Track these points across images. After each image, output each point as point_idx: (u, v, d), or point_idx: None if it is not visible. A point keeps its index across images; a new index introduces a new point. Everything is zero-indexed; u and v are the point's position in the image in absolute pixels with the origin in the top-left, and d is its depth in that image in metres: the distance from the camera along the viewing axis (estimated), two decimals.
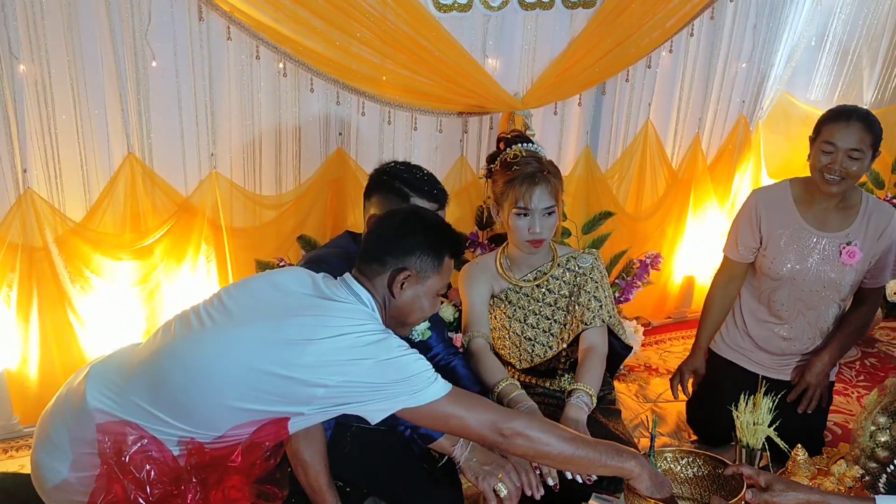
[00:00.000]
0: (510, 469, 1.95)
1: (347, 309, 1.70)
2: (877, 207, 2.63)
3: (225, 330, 1.65)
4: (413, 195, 2.09)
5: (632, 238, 3.64)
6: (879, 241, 2.61)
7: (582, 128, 3.41)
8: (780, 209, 2.66)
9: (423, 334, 2.30)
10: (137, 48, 2.54)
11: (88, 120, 2.57)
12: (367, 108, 2.94)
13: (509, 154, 2.39)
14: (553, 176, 2.35)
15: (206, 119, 2.72)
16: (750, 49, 3.62)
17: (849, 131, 2.45)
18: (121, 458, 1.52)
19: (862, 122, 2.46)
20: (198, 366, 1.61)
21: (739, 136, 3.80)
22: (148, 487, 1.49)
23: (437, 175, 3.12)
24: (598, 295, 2.43)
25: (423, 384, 1.66)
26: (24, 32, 2.40)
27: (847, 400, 3.22)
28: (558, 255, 2.50)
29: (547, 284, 2.48)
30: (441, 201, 2.14)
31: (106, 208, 2.68)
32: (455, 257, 1.85)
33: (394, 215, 1.88)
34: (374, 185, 2.17)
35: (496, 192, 2.41)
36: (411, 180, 2.12)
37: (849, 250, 2.58)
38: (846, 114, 2.49)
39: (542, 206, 2.31)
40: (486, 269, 2.52)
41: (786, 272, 2.64)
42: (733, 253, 2.76)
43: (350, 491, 2.31)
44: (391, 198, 2.10)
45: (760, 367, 2.77)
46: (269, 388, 1.58)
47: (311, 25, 2.63)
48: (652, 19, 3.18)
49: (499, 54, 3.07)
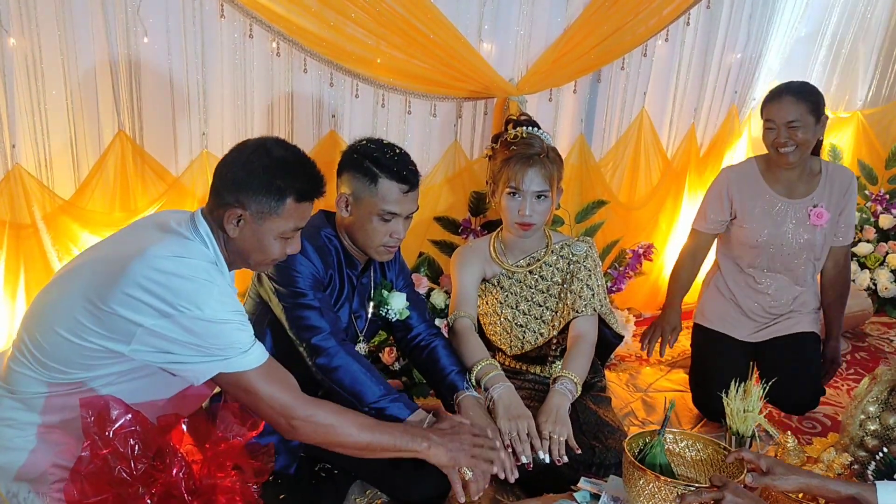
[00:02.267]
0: (477, 452, 1.92)
1: (174, 242, 1.65)
2: (837, 171, 2.87)
3: (76, 263, 1.70)
4: (381, 175, 2.04)
5: (625, 227, 3.63)
6: (843, 199, 2.84)
7: (577, 115, 3.40)
8: (750, 183, 2.87)
9: (401, 314, 2.28)
10: (129, 24, 2.50)
11: (79, 96, 2.53)
12: (360, 91, 2.92)
13: (510, 134, 2.38)
14: (550, 161, 2.33)
15: (198, 98, 2.69)
16: (745, 40, 3.62)
17: (781, 106, 2.65)
18: (104, 432, 1.50)
19: (792, 95, 2.66)
20: (48, 300, 1.66)
21: (731, 126, 3.80)
22: (132, 462, 1.47)
23: (431, 159, 3.16)
24: (590, 283, 2.43)
25: (237, 351, 1.62)
26: (15, 5, 2.35)
27: (837, 392, 3.23)
28: (553, 241, 2.49)
29: (540, 271, 2.47)
30: (411, 182, 2.07)
31: (95, 186, 2.64)
32: (303, 200, 1.74)
33: (243, 147, 1.76)
34: (345, 162, 2.12)
35: (493, 170, 2.40)
36: (381, 160, 2.06)
37: (816, 212, 2.80)
38: (778, 92, 2.71)
39: (534, 188, 2.30)
40: (479, 253, 2.51)
41: (763, 238, 2.84)
42: (701, 225, 2.98)
43: (337, 474, 2.30)
44: (359, 177, 2.06)
45: (748, 334, 2.96)
46: (90, 320, 1.57)
47: (305, 5, 2.61)
48: (648, 7, 3.18)
49: (494, 39, 3.05)
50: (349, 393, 2.00)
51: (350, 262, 2.20)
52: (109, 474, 1.50)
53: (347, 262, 2.19)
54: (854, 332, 3.79)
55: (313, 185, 1.76)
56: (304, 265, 2.04)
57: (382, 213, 2.05)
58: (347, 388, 2.00)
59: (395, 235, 2.09)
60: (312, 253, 2.07)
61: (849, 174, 2.90)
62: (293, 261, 2.01)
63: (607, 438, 2.33)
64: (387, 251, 2.13)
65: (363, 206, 2.07)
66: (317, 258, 2.08)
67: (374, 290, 2.29)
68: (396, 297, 2.27)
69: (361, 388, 1.99)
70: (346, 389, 2.00)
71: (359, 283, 2.24)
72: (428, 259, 3.23)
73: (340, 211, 2.12)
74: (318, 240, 2.12)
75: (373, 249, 2.12)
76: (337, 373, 1.99)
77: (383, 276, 2.32)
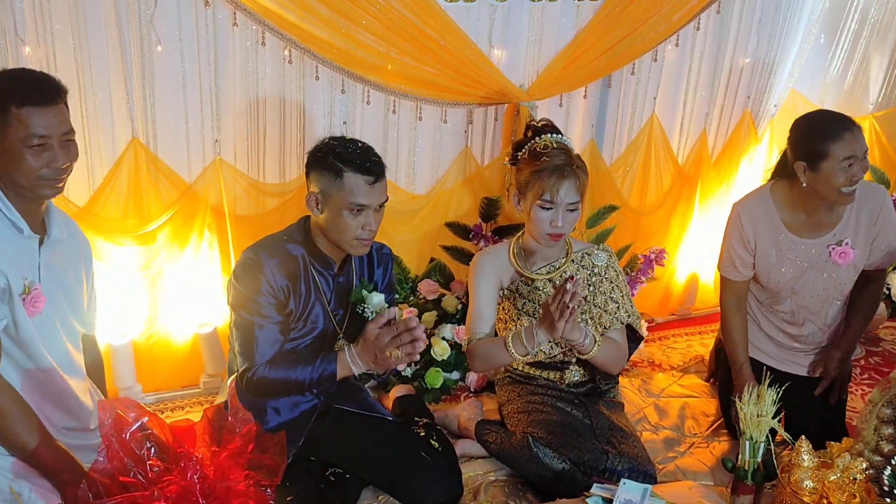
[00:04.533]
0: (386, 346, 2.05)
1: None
2: (867, 193, 2.50)
3: None
4: (346, 169, 2.08)
5: (636, 233, 3.62)
6: (876, 227, 2.54)
7: (587, 120, 3.40)
8: (764, 221, 2.60)
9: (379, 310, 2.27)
10: (143, 32, 2.53)
11: (93, 104, 2.56)
12: (371, 98, 2.93)
13: (539, 143, 2.33)
14: (581, 171, 2.30)
15: (211, 105, 2.71)
16: (756, 44, 3.61)
17: (856, 138, 2.36)
18: (121, 435, 1.51)
19: (855, 125, 2.39)
20: None
21: (744, 132, 3.79)
22: (148, 465, 1.48)
23: (442, 166, 3.17)
24: (614, 296, 2.40)
25: None
26: (30, 14, 2.39)
27: (851, 397, 3.20)
28: (573, 249, 2.46)
29: (559, 280, 2.43)
30: (376, 173, 2.11)
31: (109, 193, 2.67)
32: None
33: None
34: (310, 162, 2.17)
35: (520, 180, 2.36)
36: (344, 154, 2.10)
37: (840, 251, 2.53)
38: (843, 126, 2.38)
39: (568, 200, 2.27)
40: (498, 260, 2.47)
41: (784, 285, 2.62)
42: (733, 273, 2.69)
43: (348, 479, 2.30)
44: (325, 174, 2.11)
45: (770, 358, 2.77)
46: None
47: (317, 12, 2.63)
48: (658, 12, 3.18)
49: (504, 45, 3.06)
50: (287, 392, 2.20)
51: (324, 262, 2.24)
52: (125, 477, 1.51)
53: (321, 263, 2.24)
54: (868, 336, 3.76)
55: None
56: (266, 286, 2.14)
57: (352, 207, 2.09)
58: (280, 391, 2.18)
59: (368, 227, 2.13)
60: (275, 268, 2.15)
61: (879, 192, 2.59)
62: (245, 284, 2.15)
63: (620, 444, 2.33)
64: (361, 245, 2.17)
65: (332, 202, 2.11)
66: (276, 270, 2.15)
67: (354, 289, 2.32)
68: (375, 295, 2.30)
69: (291, 380, 2.13)
70: (279, 393, 2.19)
71: (335, 282, 2.28)
72: (439, 265, 3.23)
73: (312, 210, 2.17)
74: (278, 254, 2.18)
75: (347, 244, 2.16)
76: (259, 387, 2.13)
77: (369, 278, 2.36)
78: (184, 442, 1.55)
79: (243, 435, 1.62)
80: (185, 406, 2.97)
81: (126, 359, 2.85)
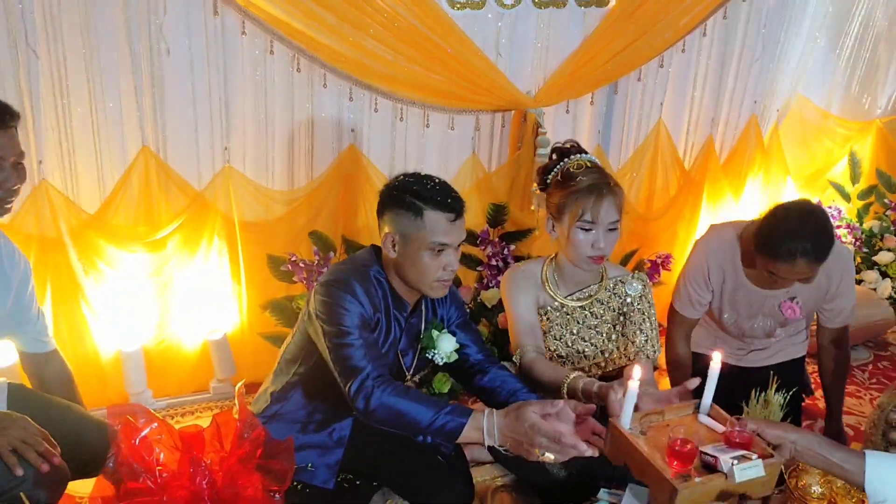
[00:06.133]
0: (540, 441, 1.80)
1: None
2: (832, 257, 2.26)
3: None
4: (426, 207, 1.95)
5: (643, 238, 3.63)
6: (835, 291, 2.49)
7: (594, 126, 3.41)
8: (729, 268, 2.52)
9: (448, 357, 2.20)
10: (153, 42, 2.56)
11: (104, 112, 2.59)
12: (379, 105, 2.95)
13: (571, 164, 2.24)
14: (618, 188, 2.21)
15: (220, 113, 2.74)
16: (762, 49, 3.61)
17: (793, 268, 2.22)
18: (131, 441, 1.53)
19: (808, 258, 2.19)
20: None
21: (751, 137, 3.79)
22: (157, 470, 1.49)
23: (449, 172, 3.18)
24: (643, 327, 2.33)
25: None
26: (41, 24, 2.42)
27: (860, 402, 3.20)
28: (607, 276, 2.37)
29: (591, 307, 2.36)
30: (457, 210, 1.98)
31: (120, 201, 2.70)
32: None
33: None
34: (385, 201, 2.03)
35: (553, 203, 2.25)
36: (422, 192, 1.97)
37: (789, 306, 2.48)
38: (789, 252, 2.20)
39: (609, 219, 2.17)
40: (531, 278, 2.38)
41: (732, 325, 2.58)
42: (688, 311, 2.61)
43: (360, 483, 2.31)
44: (403, 213, 1.97)
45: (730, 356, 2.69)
46: None
47: (325, 21, 2.65)
48: (665, 19, 3.19)
49: (511, 52, 3.08)
50: (398, 428, 1.94)
51: (399, 303, 2.13)
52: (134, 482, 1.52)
53: (396, 303, 2.12)
54: (876, 341, 3.75)
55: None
56: (353, 304, 1.99)
57: (433, 246, 1.96)
58: (394, 424, 1.93)
59: (449, 268, 2.01)
60: (362, 295, 2.01)
61: (843, 258, 2.48)
62: (341, 299, 1.98)
63: None
64: (441, 286, 2.04)
65: (411, 243, 1.98)
66: (366, 300, 2.02)
67: (423, 331, 2.21)
68: (445, 340, 2.19)
69: (408, 418, 1.91)
70: (392, 426, 1.94)
71: (407, 324, 2.17)
72: None
73: (388, 251, 2.04)
74: (367, 281, 2.06)
75: (427, 286, 2.03)
76: (377, 414, 1.92)
77: (434, 315, 2.24)
78: (193, 447, 1.57)
79: (252, 440, 1.64)
80: (194, 411, 2.99)
81: (137, 365, 2.87)
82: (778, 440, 1.70)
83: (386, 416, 1.92)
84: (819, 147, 4.32)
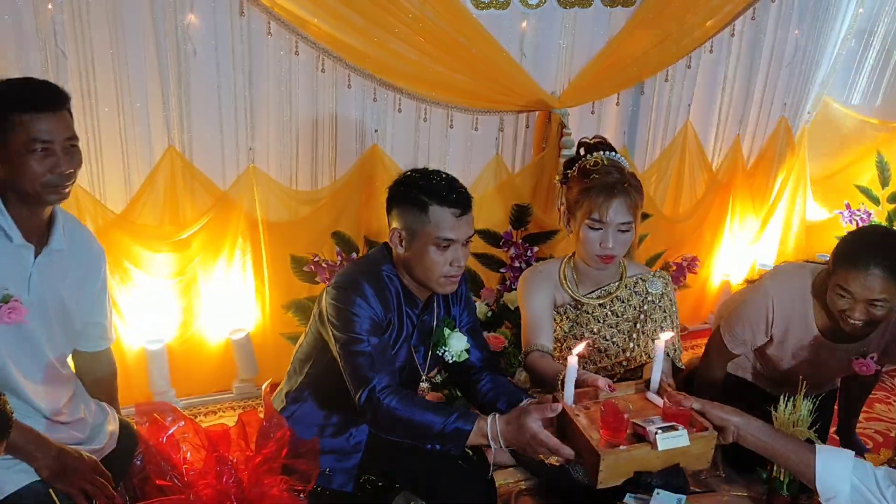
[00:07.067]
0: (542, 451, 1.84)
1: None
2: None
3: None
4: (431, 203, 1.95)
5: (669, 240, 3.60)
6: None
7: (619, 127, 3.39)
8: (796, 320, 2.35)
9: (458, 356, 2.19)
10: (179, 42, 2.57)
11: (130, 113, 2.60)
12: (403, 105, 2.95)
13: (589, 161, 2.22)
14: (634, 189, 2.18)
15: (245, 114, 2.75)
16: (792, 50, 3.57)
17: (867, 282, 2.09)
18: (158, 439, 1.53)
19: (883, 270, 2.07)
20: None
21: (780, 139, 3.74)
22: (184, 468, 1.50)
23: (473, 173, 3.17)
24: (664, 325, 2.31)
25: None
26: (70, 25, 2.44)
27: (889, 408, 3.15)
28: (627, 274, 2.34)
29: (611, 305, 2.33)
30: (464, 205, 1.97)
31: (146, 200, 2.71)
32: None
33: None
34: (392, 197, 2.04)
35: (570, 199, 2.24)
36: (427, 186, 1.96)
37: (863, 363, 2.33)
38: (863, 261, 2.09)
39: (619, 220, 2.14)
40: (549, 278, 2.37)
41: (791, 370, 2.43)
42: (738, 348, 2.48)
43: (381, 486, 2.30)
44: (409, 208, 1.97)
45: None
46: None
47: (350, 21, 2.65)
48: (692, 19, 3.15)
49: (536, 52, 3.06)
50: (406, 437, 1.94)
51: (410, 300, 2.12)
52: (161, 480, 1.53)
53: (407, 301, 2.12)
54: None
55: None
56: (363, 308, 1.99)
57: (439, 242, 1.96)
58: (402, 434, 1.94)
59: (456, 263, 2.00)
60: (372, 297, 2.01)
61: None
62: (352, 303, 1.98)
63: None
64: (449, 282, 2.03)
65: (418, 238, 1.98)
66: (376, 302, 2.01)
67: (435, 328, 2.20)
68: (456, 339, 2.18)
69: (416, 428, 1.91)
70: (401, 435, 1.95)
71: (419, 321, 2.17)
72: (470, 272, 3.23)
73: (395, 248, 2.04)
74: (378, 282, 2.05)
75: (434, 282, 2.02)
76: (385, 424, 1.94)
77: (447, 313, 2.23)
78: (219, 446, 1.57)
79: (277, 440, 1.64)
80: (217, 411, 3.00)
81: (161, 364, 2.89)
82: (721, 422, 1.75)
83: (394, 426, 1.93)
84: (847, 150, 4.25)
